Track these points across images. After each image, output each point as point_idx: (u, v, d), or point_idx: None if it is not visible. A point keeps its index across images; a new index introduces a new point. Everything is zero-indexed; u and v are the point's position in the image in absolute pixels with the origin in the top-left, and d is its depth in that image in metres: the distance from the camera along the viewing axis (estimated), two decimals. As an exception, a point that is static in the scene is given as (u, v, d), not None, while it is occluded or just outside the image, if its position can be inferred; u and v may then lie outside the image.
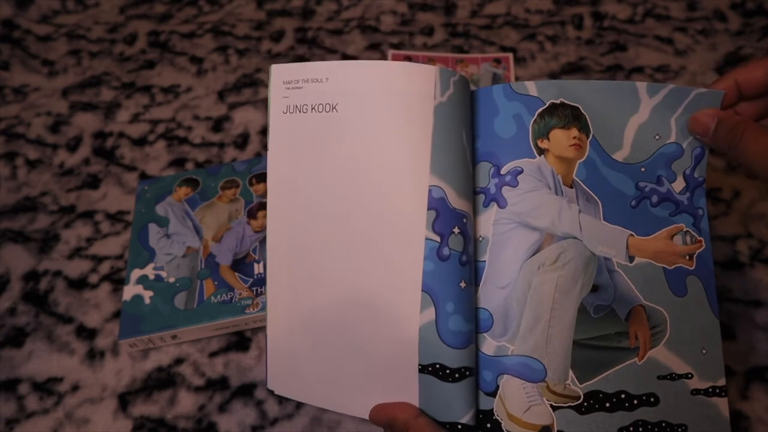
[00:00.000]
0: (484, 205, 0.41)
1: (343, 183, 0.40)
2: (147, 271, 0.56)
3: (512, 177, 0.40)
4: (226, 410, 0.51)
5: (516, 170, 0.40)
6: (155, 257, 0.57)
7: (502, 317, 0.39)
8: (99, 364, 0.54)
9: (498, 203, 0.40)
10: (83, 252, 0.61)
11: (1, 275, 0.60)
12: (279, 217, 0.41)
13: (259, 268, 0.56)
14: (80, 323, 0.56)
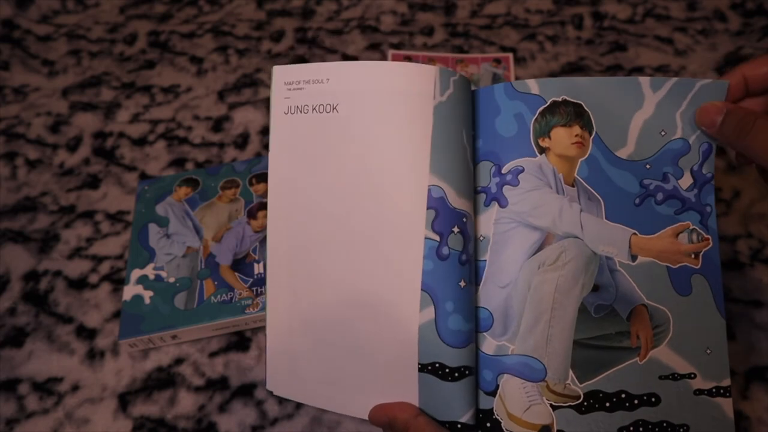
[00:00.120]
0: (485, 205, 0.41)
1: (343, 183, 0.40)
2: (147, 271, 0.56)
3: (513, 176, 0.40)
4: (226, 410, 0.51)
5: (517, 169, 0.40)
6: (155, 257, 0.57)
7: (502, 317, 0.39)
8: (99, 364, 0.54)
9: (499, 202, 0.40)
10: (83, 252, 0.61)
11: (1, 275, 0.60)
12: (279, 217, 0.41)
13: (259, 268, 0.56)
14: (80, 323, 0.56)
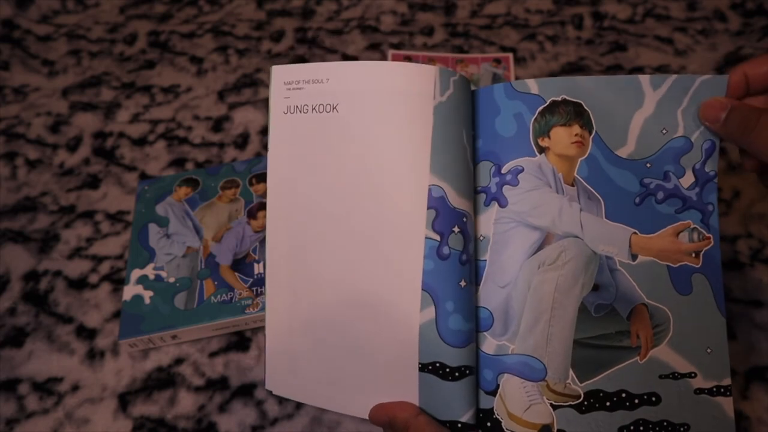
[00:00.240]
0: (485, 204, 0.41)
1: (343, 183, 0.40)
2: (147, 271, 0.56)
3: (513, 176, 0.40)
4: (226, 410, 0.51)
5: (516, 169, 0.40)
6: (155, 257, 0.57)
7: (502, 316, 0.39)
8: (99, 364, 0.54)
9: (499, 202, 0.40)
10: (83, 252, 0.61)
11: (1, 275, 0.60)
12: (279, 216, 0.41)
13: (259, 268, 0.56)
14: (80, 323, 0.56)
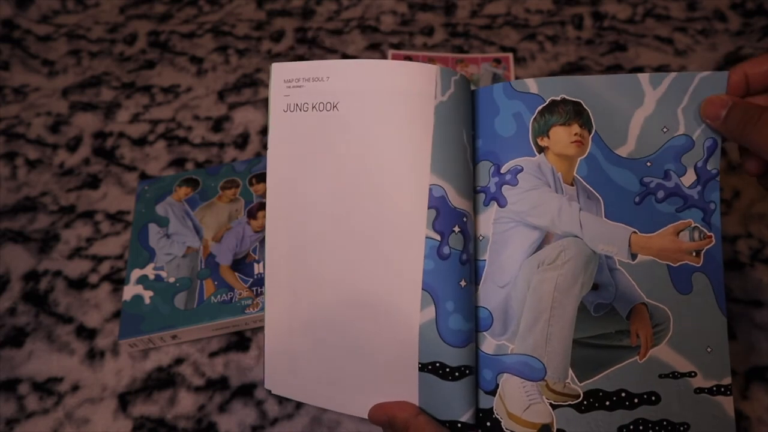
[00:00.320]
0: (485, 204, 0.41)
1: (343, 182, 0.40)
2: (147, 271, 0.56)
3: (512, 176, 0.40)
4: (226, 410, 0.51)
5: (516, 169, 0.40)
6: (155, 257, 0.57)
7: (501, 316, 0.39)
8: (99, 364, 0.54)
9: (498, 202, 0.40)
10: (83, 252, 0.61)
11: (1, 275, 0.60)
12: (278, 216, 0.41)
13: (259, 268, 0.56)
14: (80, 323, 0.56)
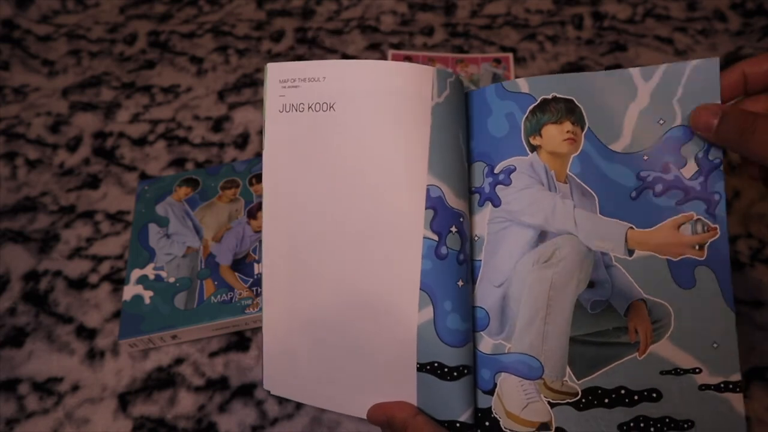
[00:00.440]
0: (479, 205, 0.41)
1: (340, 182, 0.40)
2: (147, 271, 0.57)
3: (505, 176, 0.40)
4: (226, 410, 0.51)
5: (509, 169, 0.40)
6: (155, 257, 0.57)
7: (498, 315, 0.39)
8: (99, 364, 0.54)
9: (492, 202, 0.40)
10: (83, 252, 0.61)
11: (1, 275, 0.60)
12: (275, 216, 0.41)
13: (259, 268, 0.56)
14: (80, 323, 0.56)
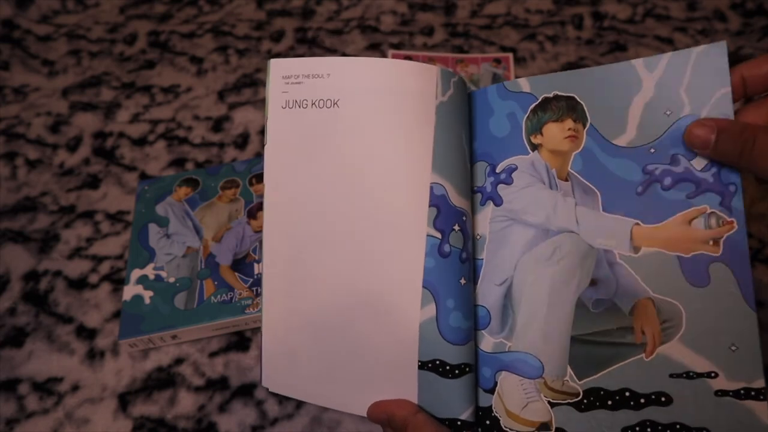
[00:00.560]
0: (481, 204, 0.41)
1: (343, 179, 0.39)
2: (147, 271, 0.56)
3: (507, 175, 0.40)
4: (226, 410, 0.51)
5: (510, 168, 0.40)
6: (155, 257, 0.57)
7: (499, 314, 0.39)
8: (99, 364, 0.54)
9: (494, 201, 0.40)
10: (83, 252, 0.61)
11: (1, 275, 0.60)
12: (276, 214, 0.41)
13: (259, 268, 0.56)
14: (80, 323, 0.56)
